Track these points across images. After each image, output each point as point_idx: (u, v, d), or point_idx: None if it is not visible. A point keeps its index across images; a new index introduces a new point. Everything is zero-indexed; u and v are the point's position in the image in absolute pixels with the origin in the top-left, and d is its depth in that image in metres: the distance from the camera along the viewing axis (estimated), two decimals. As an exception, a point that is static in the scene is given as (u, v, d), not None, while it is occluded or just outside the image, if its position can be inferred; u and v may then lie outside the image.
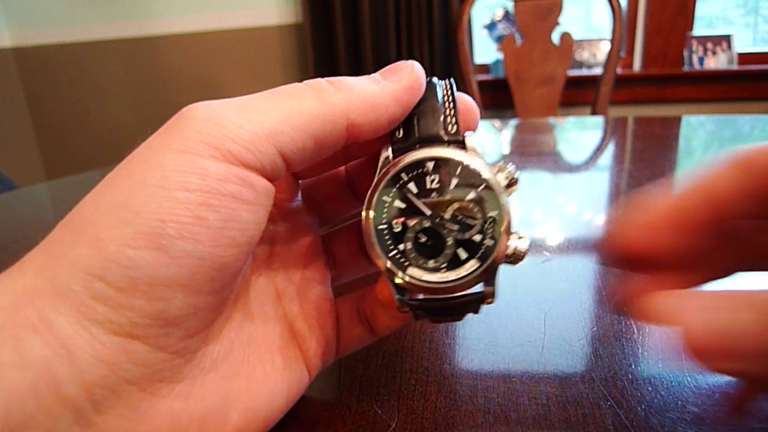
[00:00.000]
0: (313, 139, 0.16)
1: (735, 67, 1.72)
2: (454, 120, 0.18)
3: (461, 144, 0.18)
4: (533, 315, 0.26)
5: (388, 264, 0.17)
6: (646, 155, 0.60)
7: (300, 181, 0.21)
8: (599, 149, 0.70)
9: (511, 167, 0.17)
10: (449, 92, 0.19)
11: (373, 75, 0.18)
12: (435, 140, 0.18)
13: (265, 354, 0.18)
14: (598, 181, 0.53)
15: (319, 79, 0.17)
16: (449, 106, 0.18)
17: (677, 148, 0.66)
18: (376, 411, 0.20)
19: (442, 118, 0.18)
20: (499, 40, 1.78)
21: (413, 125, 0.18)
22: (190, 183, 0.14)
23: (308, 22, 1.67)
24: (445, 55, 1.68)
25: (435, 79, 0.19)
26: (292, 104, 0.16)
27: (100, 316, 0.13)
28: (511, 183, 0.17)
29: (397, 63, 0.18)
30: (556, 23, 1.44)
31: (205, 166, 0.14)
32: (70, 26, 1.90)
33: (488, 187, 0.17)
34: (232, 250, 0.15)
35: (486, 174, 0.17)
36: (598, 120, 0.92)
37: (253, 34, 1.82)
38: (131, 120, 1.98)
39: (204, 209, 0.14)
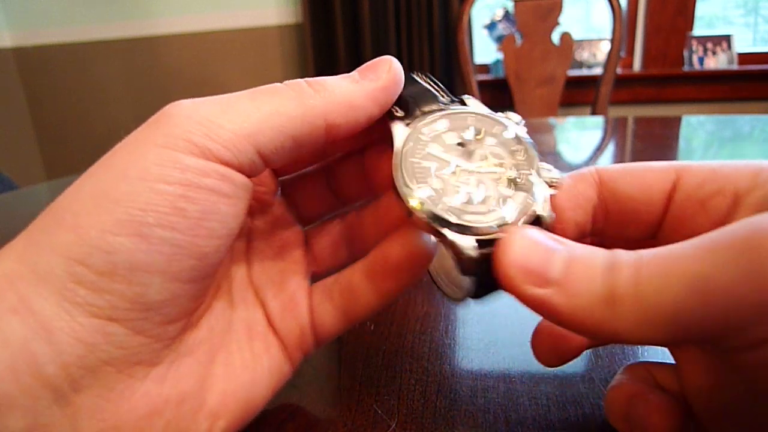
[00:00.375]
0: (291, 139, 0.17)
1: (735, 67, 1.72)
2: (444, 94, 0.19)
3: (462, 104, 0.19)
4: (533, 315, 0.26)
5: (446, 217, 0.16)
6: (646, 155, 0.60)
7: (279, 179, 0.21)
8: (599, 149, 0.70)
9: (512, 113, 0.19)
10: (429, 78, 0.20)
11: (352, 73, 0.18)
12: (436, 107, 0.19)
13: (244, 342, 0.19)
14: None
15: (299, 80, 0.18)
16: (434, 86, 0.19)
17: (677, 148, 0.66)
18: (376, 411, 0.20)
19: (433, 93, 0.19)
20: (499, 40, 1.78)
21: (409, 105, 0.19)
22: (170, 176, 0.15)
23: (308, 22, 1.67)
24: (445, 55, 1.68)
25: (413, 74, 0.20)
26: (271, 105, 0.16)
27: (81, 299, 0.14)
28: (519, 124, 0.19)
29: (375, 60, 0.19)
30: (556, 23, 1.44)
31: (185, 161, 0.15)
32: (70, 26, 1.90)
33: (504, 128, 0.18)
34: (212, 240, 0.16)
35: (497, 118, 0.18)
36: (598, 120, 0.92)
37: (253, 34, 1.82)
38: (131, 120, 1.97)
39: (183, 201, 0.15)
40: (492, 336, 0.25)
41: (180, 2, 1.83)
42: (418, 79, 0.20)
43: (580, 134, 0.80)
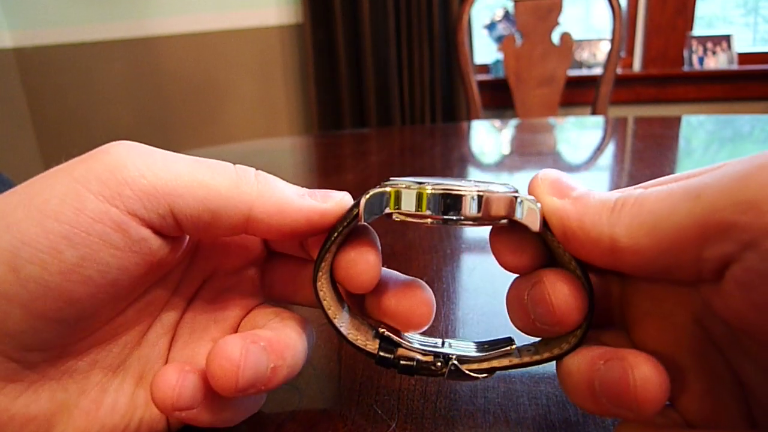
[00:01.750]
0: (210, 213, 0.16)
1: (735, 67, 1.72)
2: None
3: None
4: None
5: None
6: (646, 155, 0.60)
7: None
8: (599, 149, 0.70)
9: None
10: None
11: (302, 189, 0.18)
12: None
13: (129, 386, 0.18)
14: (598, 181, 0.53)
15: (251, 169, 0.18)
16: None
17: (677, 148, 0.66)
18: (376, 411, 0.20)
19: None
20: (499, 40, 1.78)
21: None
22: (62, 214, 0.15)
23: (308, 22, 1.67)
24: (445, 55, 1.68)
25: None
26: (205, 176, 0.16)
27: None
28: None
29: (330, 191, 0.19)
30: (556, 23, 1.44)
31: (85, 202, 0.15)
32: (70, 26, 1.90)
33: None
34: (85, 287, 0.15)
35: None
36: (598, 120, 0.92)
37: (253, 34, 1.82)
38: (131, 120, 1.98)
39: (64, 243, 0.15)
40: (492, 336, 0.25)
41: (180, 2, 1.83)
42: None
43: (580, 134, 0.80)
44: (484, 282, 0.31)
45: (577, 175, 0.56)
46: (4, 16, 1.92)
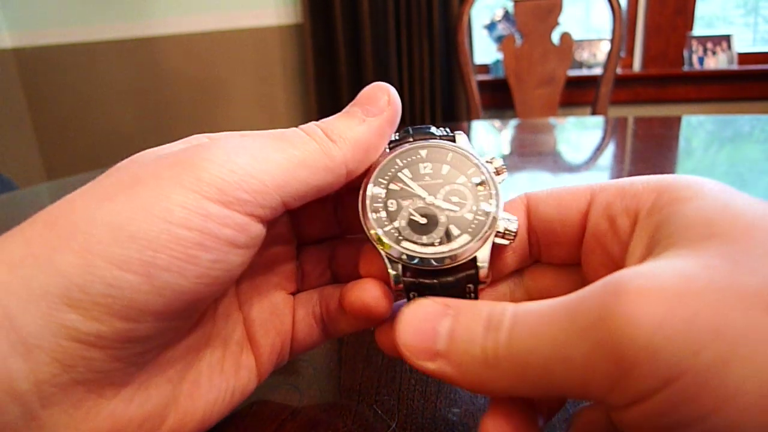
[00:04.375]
0: (315, 190, 0.17)
1: (735, 67, 1.72)
2: (442, 127, 0.20)
3: (452, 140, 0.19)
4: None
5: (383, 236, 0.18)
6: (646, 155, 0.60)
7: None
8: (599, 149, 0.70)
9: (498, 158, 0.19)
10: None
11: (354, 110, 0.19)
12: (428, 136, 0.19)
13: (216, 361, 0.19)
14: (598, 181, 0.53)
15: (314, 127, 0.18)
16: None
17: (677, 148, 0.66)
18: (376, 411, 0.20)
19: (426, 126, 0.20)
20: (499, 40, 1.78)
21: (406, 130, 0.20)
22: (191, 221, 0.15)
23: (308, 22, 1.67)
24: (445, 55, 1.68)
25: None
26: (298, 157, 0.17)
27: (69, 323, 0.14)
28: (499, 171, 0.19)
29: (371, 89, 0.19)
30: (556, 23, 1.44)
31: (209, 209, 0.15)
32: (70, 26, 1.90)
33: (478, 172, 0.18)
34: (214, 287, 0.16)
35: (476, 160, 0.19)
36: (598, 120, 0.92)
37: (253, 34, 1.82)
38: (131, 120, 1.98)
39: (198, 249, 0.15)
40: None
41: (180, 2, 1.83)
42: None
43: (580, 134, 0.80)
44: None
45: (577, 175, 0.56)
46: (4, 16, 1.92)
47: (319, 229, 0.22)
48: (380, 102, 0.19)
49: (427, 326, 0.15)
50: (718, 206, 0.13)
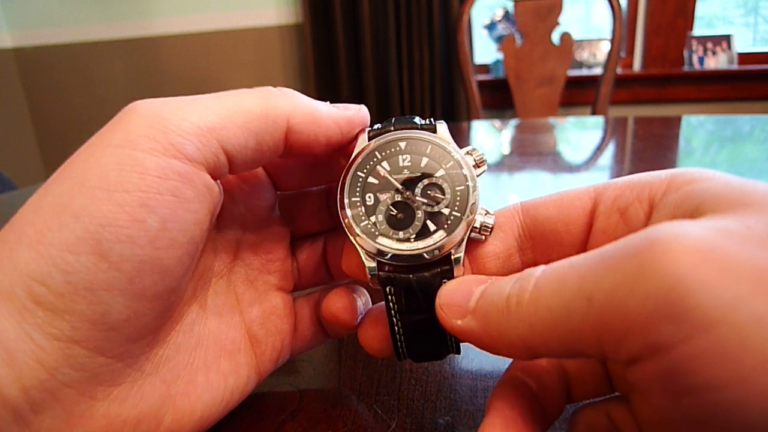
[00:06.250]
0: (254, 137, 0.17)
1: (735, 67, 1.72)
2: (425, 117, 0.20)
3: (433, 130, 0.19)
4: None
5: (359, 232, 0.18)
6: (646, 155, 0.60)
7: (280, 193, 0.21)
8: (599, 149, 0.70)
9: (479, 150, 0.19)
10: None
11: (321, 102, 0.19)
12: (409, 126, 0.19)
13: (212, 359, 0.19)
14: (598, 181, 0.53)
15: (268, 86, 0.18)
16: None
17: (677, 148, 0.66)
18: (376, 411, 0.20)
19: (410, 117, 0.20)
20: (499, 40, 1.78)
21: (389, 120, 0.20)
22: (128, 183, 0.14)
23: (308, 22, 1.67)
24: (445, 55, 1.68)
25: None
26: (236, 102, 0.16)
27: (41, 321, 0.13)
28: (479, 164, 0.19)
29: (346, 105, 0.20)
30: (556, 23, 1.44)
31: (145, 162, 0.14)
32: (70, 26, 1.90)
33: (457, 165, 0.18)
34: (173, 251, 0.15)
35: (455, 153, 0.18)
36: (598, 120, 0.92)
37: (253, 34, 1.82)
38: (131, 120, 1.98)
39: (143, 211, 0.14)
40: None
41: (180, 2, 1.83)
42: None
43: (580, 134, 0.80)
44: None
45: (577, 175, 0.56)
46: (4, 16, 1.92)
47: (313, 224, 0.22)
48: (349, 108, 0.19)
49: (465, 288, 0.16)
50: (738, 183, 0.13)
